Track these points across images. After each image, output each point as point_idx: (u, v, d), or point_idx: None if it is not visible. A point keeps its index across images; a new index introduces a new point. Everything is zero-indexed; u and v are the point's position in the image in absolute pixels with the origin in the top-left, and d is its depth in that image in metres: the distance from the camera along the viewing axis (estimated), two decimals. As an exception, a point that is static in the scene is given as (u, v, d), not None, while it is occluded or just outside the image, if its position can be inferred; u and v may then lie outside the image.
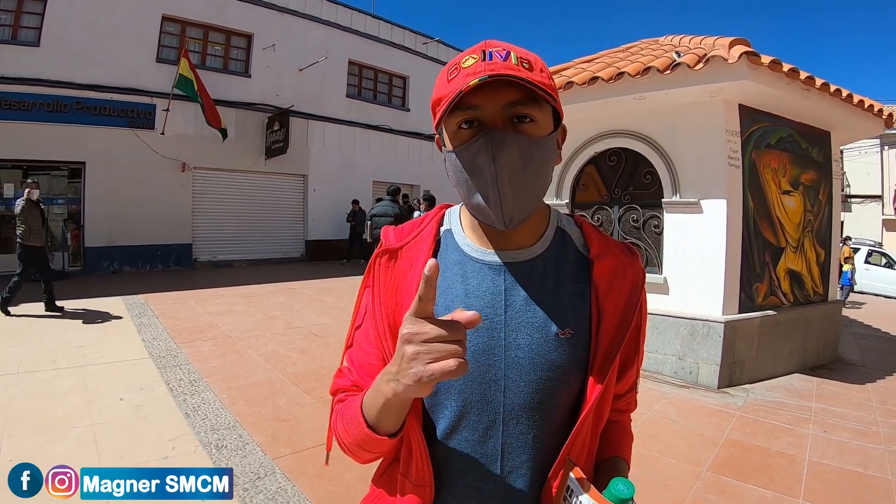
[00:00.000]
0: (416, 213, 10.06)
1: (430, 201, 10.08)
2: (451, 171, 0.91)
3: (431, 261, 0.70)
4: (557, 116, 0.92)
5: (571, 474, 0.80)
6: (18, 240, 7.58)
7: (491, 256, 0.95)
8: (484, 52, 0.85)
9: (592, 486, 0.77)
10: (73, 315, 7.58)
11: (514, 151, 0.83)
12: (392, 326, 0.93)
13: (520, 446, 0.91)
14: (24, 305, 7.57)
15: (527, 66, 0.84)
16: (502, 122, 0.84)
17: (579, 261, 0.98)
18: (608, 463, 1.04)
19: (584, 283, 0.96)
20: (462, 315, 0.70)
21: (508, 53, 0.84)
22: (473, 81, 0.78)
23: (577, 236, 1.01)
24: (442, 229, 1.02)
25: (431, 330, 0.69)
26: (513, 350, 0.90)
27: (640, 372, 1.11)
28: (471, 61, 0.84)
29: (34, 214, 7.58)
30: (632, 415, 1.18)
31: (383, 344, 0.94)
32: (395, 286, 0.95)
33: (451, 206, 1.08)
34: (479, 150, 0.84)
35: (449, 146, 0.90)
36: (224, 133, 13.37)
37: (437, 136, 0.97)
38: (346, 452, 0.98)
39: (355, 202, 15.78)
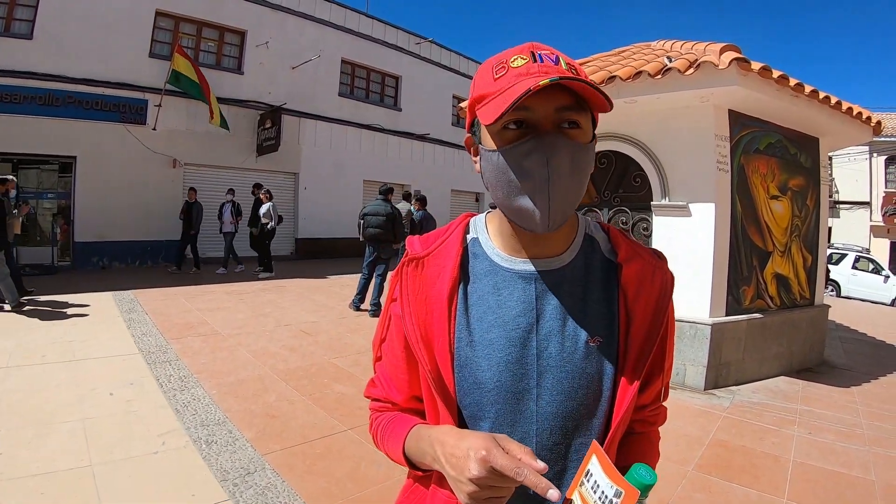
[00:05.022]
0: (409, 207, 10.08)
1: (422, 201, 10.09)
2: (492, 171, 0.88)
3: (557, 493, 0.71)
4: (594, 126, 0.92)
5: (594, 456, 0.77)
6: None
7: (521, 265, 0.95)
8: (534, 53, 0.85)
9: (615, 468, 0.73)
10: (63, 310, 7.55)
11: (565, 156, 0.83)
12: (424, 336, 0.93)
13: (553, 458, 0.91)
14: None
15: (574, 73, 0.84)
16: (552, 126, 0.84)
17: (607, 266, 0.98)
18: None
19: (612, 288, 0.96)
20: (552, 496, 0.70)
21: (558, 58, 0.85)
22: (545, 81, 0.76)
23: (603, 242, 1.01)
24: (468, 237, 1.02)
25: (497, 483, 0.73)
26: (545, 359, 0.91)
27: (665, 398, 1.08)
28: (520, 62, 0.84)
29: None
30: None
31: (417, 354, 0.93)
32: (423, 295, 0.95)
33: (474, 215, 1.07)
34: (530, 152, 0.83)
35: (491, 145, 0.87)
36: (223, 123, 13.34)
37: (468, 135, 0.97)
38: None
39: (192, 190, 12.43)
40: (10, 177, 7.96)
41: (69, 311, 7.55)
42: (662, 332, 0.95)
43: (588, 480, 0.75)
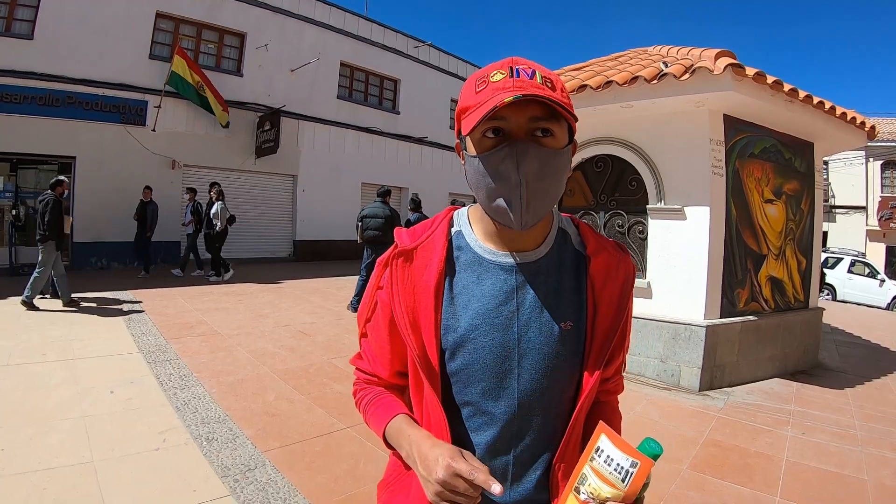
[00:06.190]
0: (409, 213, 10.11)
1: (417, 204, 10.08)
2: (473, 174, 0.98)
3: (499, 487, 0.84)
4: (571, 132, 1.00)
5: (603, 434, 0.87)
6: None
7: (503, 258, 1.04)
8: (512, 68, 0.93)
9: (626, 442, 0.84)
10: (62, 310, 7.59)
11: (535, 161, 0.92)
12: (413, 323, 1.02)
13: (531, 429, 1.03)
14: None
15: (549, 85, 0.93)
16: (525, 134, 0.92)
17: (577, 258, 1.08)
18: None
19: (581, 278, 1.06)
20: (495, 489, 0.83)
21: (534, 72, 0.93)
22: (508, 98, 0.86)
23: (574, 235, 1.12)
24: (452, 230, 1.10)
25: (461, 488, 0.85)
26: (525, 343, 1.01)
27: (623, 370, 1.21)
28: (499, 76, 0.93)
29: None
30: None
31: (406, 338, 1.02)
32: (412, 284, 1.04)
33: (457, 208, 1.16)
34: (504, 158, 0.92)
35: (473, 151, 0.97)
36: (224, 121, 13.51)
37: (457, 142, 1.06)
38: None
39: (147, 189, 11.69)
40: (64, 178, 8.07)
41: (68, 310, 7.59)
42: (625, 317, 1.07)
43: (599, 456, 0.86)
